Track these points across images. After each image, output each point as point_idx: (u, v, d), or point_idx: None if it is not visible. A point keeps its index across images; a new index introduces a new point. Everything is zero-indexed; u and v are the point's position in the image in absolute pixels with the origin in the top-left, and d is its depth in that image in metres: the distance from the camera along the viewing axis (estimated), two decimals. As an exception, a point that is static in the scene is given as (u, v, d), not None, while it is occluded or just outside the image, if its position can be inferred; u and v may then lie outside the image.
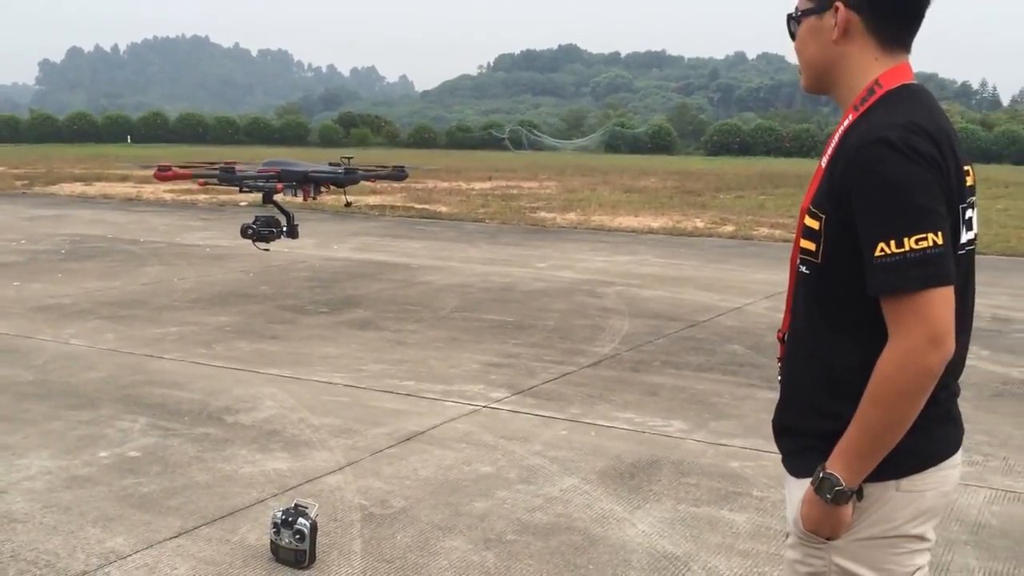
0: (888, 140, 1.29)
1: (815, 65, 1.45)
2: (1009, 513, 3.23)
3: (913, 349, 1.27)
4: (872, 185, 1.29)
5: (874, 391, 1.31)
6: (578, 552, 2.86)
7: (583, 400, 4.53)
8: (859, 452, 1.33)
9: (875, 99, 1.38)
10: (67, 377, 4.80)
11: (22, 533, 2.92)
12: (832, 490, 1.34)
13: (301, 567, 2.71)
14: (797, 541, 1.44)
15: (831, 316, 1.39)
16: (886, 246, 1.27)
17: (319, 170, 3.39)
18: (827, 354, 1.40)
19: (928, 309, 1.27)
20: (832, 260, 1.36)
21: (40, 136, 53.82)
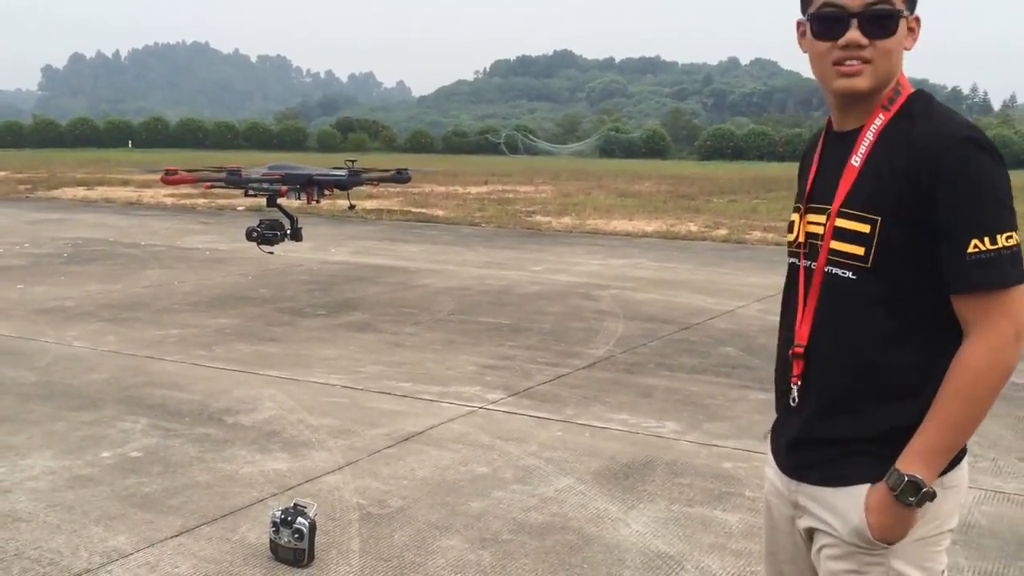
0: (976, 140, 1.30)
1: (891, 70, 1.38)
2: (998, 513, 3.28)
3: (1002, 344, 1.29)
4: (967, 184, 1.28)
5: (960, 387, 1.30)
6: (573, 551, 2.90)
7: (578, 401, 4.58)
8: (940, 449, 1.31)
9: (903, 99, 1.38)
10: (70, 378, 4.84)
11: (26, 532, 2.95)
12: (918, 493, 1.30)
13: (300, 566, 2.73)
14: (852, 550, 1.37)
15: (884, 317, 1.35)
16: (980, 243, 1.27)
17: (323, 173, 3.44)
18: (881, 357, 1.36)
19: (1014, 305, 1.29)
20: (886, 261, 1.33)
21: (43, 141, 53.92)
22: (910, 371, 1.35)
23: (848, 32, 1.35)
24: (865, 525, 1.35)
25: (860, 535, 1.36)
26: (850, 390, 1.39)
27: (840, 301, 1.38)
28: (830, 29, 1.36)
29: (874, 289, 1.35)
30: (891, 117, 1.38)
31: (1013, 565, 2.87)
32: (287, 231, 3.41)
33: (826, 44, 1.37)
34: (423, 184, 21.17)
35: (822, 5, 1.37)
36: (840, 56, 1.37)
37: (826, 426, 1.41)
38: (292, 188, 3.33)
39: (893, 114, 1.38)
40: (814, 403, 1.42)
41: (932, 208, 1.30)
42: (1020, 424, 4.36)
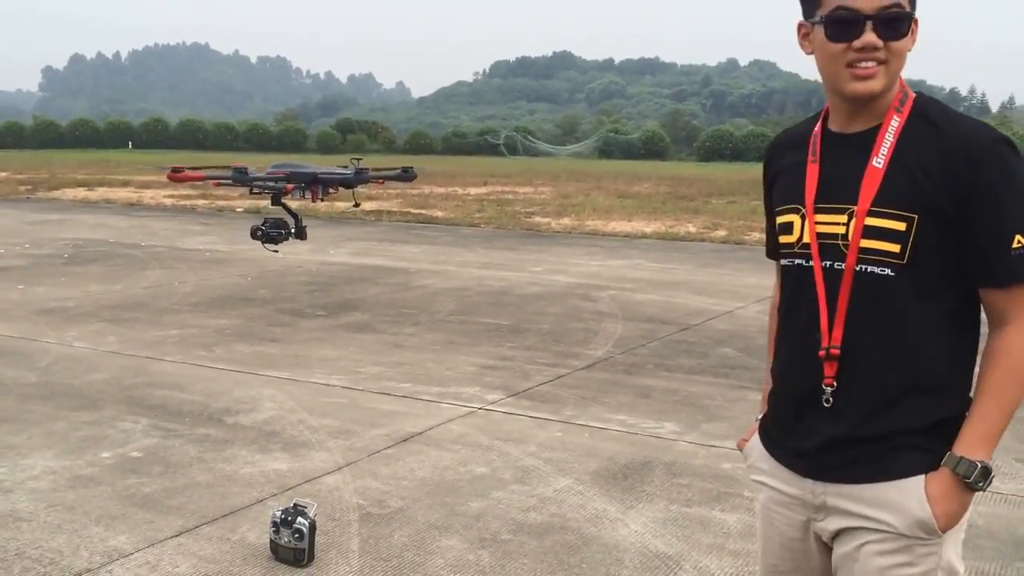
0: (1009, 142, 1.38)
1: (899, 71, 1.42)
2: (995, 514, 3.29)
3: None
4: (1007, 183, 1.35)
5: (1013, 372, 1.37)
6: (572, 551, 2.91)
7: (577, 402, 4.59)
8: (998, 432, 1.38)
9: (911, 101, 1.43)
10: (70, 379, 4.85)
11: (27, 531, 2.96)
12: (988, 476, 1.36)
13: (300, 565, 2.74)
14: (909, 543, 1.39)
15: (923, 312, 1.39)
16: (1022, 239, 1.35)
17: (328, 172, 3.45)
18: (923, 350, 1.40)
19: None
20: (922, 257, 1.37)
21: (43, 142, 53.99)
22: (947, 361, 1.40)
23: (864, 35, 1.36)
24: (930, 516, 1.37)
25: (924, 526, 1.37)
26: (896, 385, 1.41)
27: (877, 299, 1.40)
28: (845, 31, 1.38)
29: (911, 284, 1.38)
30: (906, 118, 1.41)
31: (1010, 566, 2.89)
32: (291, 230, 3.42)
33: (840, 46, 1.38)
34: (422, 185, 21.19)
35: (836, 8, 1.38)
36: (855, 58, 1.38)
37: (873, 423, 1.42)
38: (297, 186, 3.35)
39: (907, 116, 1.41)
40: (857, 402, 1.42)
41: (971, 207, 1.35)
42: (1017, 425, 4.35)
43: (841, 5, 1.37)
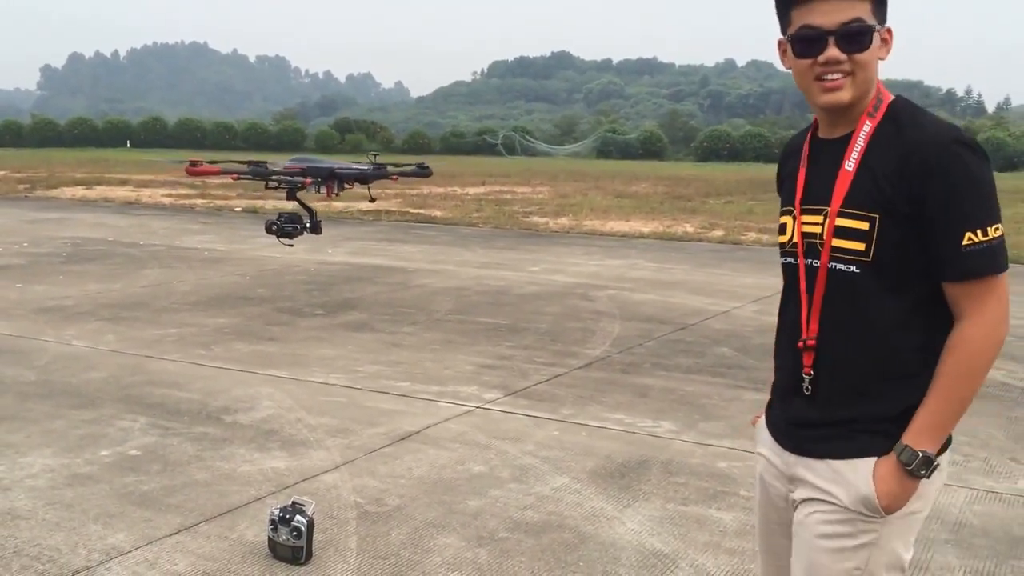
0: (965, 142, 1.43)
1: (870, 81, 1.48)
2: (990, 512, 3.30)
3: (994, 325, 1.44)
4: (959, 181, 1.40)
5: (959, 364, 1.43)
6: (569, 549, 2.92)
7: (574, 401, 4.60)
8: (945, 424, 1.45)
9: (886, 106, 1.49)
10: (69, 377, 4.85)
11: (25, 529, 2.97)
12: (930, 465, 1.44)
13: (298, 563, 2.75)
14: (851, 516, 1.48)
15: (887, 306, 1.47)
16: (973, 235, 1.40)
17: (345, 167, 3.46)
18: (887, 343, 1.48)
19: (1003, 290, 1.45)
20: (886, 255, 1.45)
21: (42, 140, 53.93)
22: (914, 353, 1.47)
23: (827, 50, 1.45)
24: (873, 493, 1.46)
25: (866, 503, 1.47)
26: (864, 375, 1.50)
27: (846, 294, 1.49)
28: (810, 48, 1.47)
29: (876, 281, 1.46)
30: (878, 123, 1.49)
31: (1005, 564, 2.90)
32: (306, 224, 3.44)
33: (807, 62, 1.48)
34: (421, 184, 21.19)
35: (801, 27, 1.47)
36: (821, 72, 1.47)
37: (841, 410, 1.52)
38: (314, 181, 3.36)
39: (879, 120, 1.49)
40: (830, 390, 1.52)
41: (927, 205, 1.41)
42: (1012, 424, 4.40)
43: (805, 24, 1.46)
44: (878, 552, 1.49)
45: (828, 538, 1.50)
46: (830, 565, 1.50)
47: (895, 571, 1.52)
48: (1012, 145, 45.00)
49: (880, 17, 1.48)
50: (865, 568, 1.49)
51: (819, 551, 1.51)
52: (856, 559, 1.49)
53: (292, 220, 3.43)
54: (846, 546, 1.49)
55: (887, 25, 1.49)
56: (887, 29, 1.49)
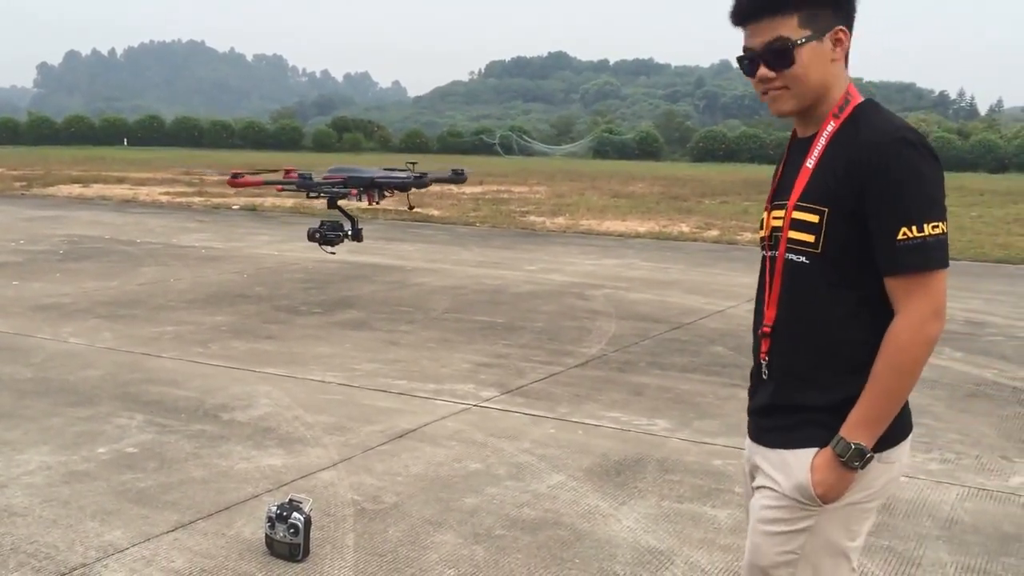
0: (908, 139, 1.46)
1: (817, 84, 1.53)
2: (981, 510, 3.33)
3: (924, 320, 1.45)
4: (898, 177, 1.44)
5: (891, 359, 1.46)
6: (565, 546, 2.93)
7: (571, 399, 4.62)
8: (877, 418, 1.48)
9: (852, 107, 1.54)
10: (66, 375, 4.86)
11: (22, 526, 2.97)
12: (863, 457, 1.48)
13: (295, 561, 2.76)
14: (790, 503, 1.54)
15: (833, 298, 1.51)
16: (908, 231, 1.44)
17: (384, 176, 3.47)
18: (832, 333, 1.52)
19: (936, 287, 1.46)
20: (833, 248, 1.49)
21: (38, 138, 53.77)
22: (860, 346, 1.50)
23: (759, 69, 1.55)
24: (809, 482, 1.51)
25: (802, 491, 1.53)
26: (809, 364, 1.55)
27: (798, 284, 1.55)
28: (748, 68, 1.58)
29: (824, 272, 1.51)
30: (840, 123, 1.54)
31: (996, 561, 2.92)
32: (348, 232, 3.45)
33: (752, 80, 1.59)
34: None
35: (742, 50, 1.58)
36: (760, 88, 1.58)
37: (789, 396, 1.58)
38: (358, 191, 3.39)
39: (842, 121, 1.54)
40: (779, 376, 1.60)
41: (868, 200, 1.46)
42: (1003, 423, 4.43)
43: (744, 46, 1.57)
44: (814, 538, 1.53)
45: (768, 523, 1.57)
46: (767, 549, 1.56)
47: (838, 558, 1.55)
48: (1003, 147, 45.10)
49: (816, 26, 1.51)
50: (801, 553, 1.54)
51: (760, 534, 1.58)
52: (792, 544, 1.54)
53: (334, 228, 3.44)
54: (783, 531, 1.55)
55: (837, 26, 1.52)
56: (839, 29, 1.52)
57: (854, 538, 1.56)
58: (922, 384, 5.06)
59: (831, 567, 1.55)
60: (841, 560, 1.56)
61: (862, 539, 1.59)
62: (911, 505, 3.36)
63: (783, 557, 1.55)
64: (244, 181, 3.20)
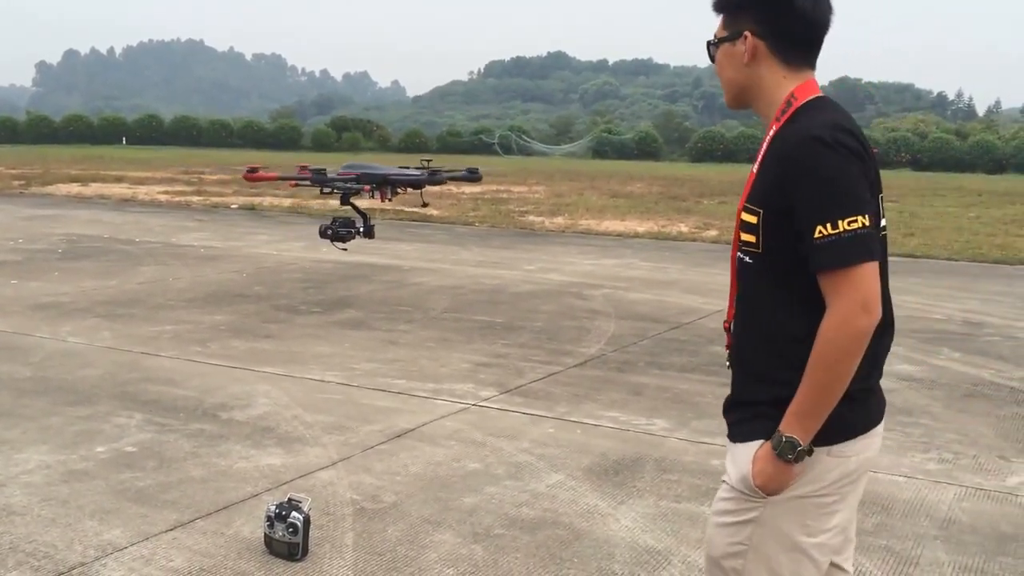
0: (820, 138, 1.47)
1: (732, 85, 1.63)
2: (979, 510, 3.34)
3: (849, 314, 1.46)
4: (809, 177, 1.47)
5: (818, 354, 1.47)
6: (563, 546, 2.94)
7: (570, 399, 4.62)
8: (809, 412, 1.49)
9: (793, 110, 1.56)
10: (64, 374, 4.86)
11: (20, 525, 2.97)
12: (794, 450, 1.50)
13: (294, 560, 2.76)
14: (736, 495, 1.59)
15: (775, 296, 1.56)
16: (823, 228, 1.45)
17: (398, 173, 3.47)
18: (774, 330, 1.56)
19: (860, 280, 1.46)
20: (771, 248, 1.53)
21: (37, 137, 53.68)
22: (801, 343, 1.51)
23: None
24: (750, 474, 1.56)
25: (745, 482, 1.57)
26: (758, 360, 1.60)
27: (745, 283, 1.62)
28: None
29: (766, 271, 1.56)
30: (780, 126, 1.58)
31: (993, 560, 2.93)
32: (360, 228, 3.46)
33: None
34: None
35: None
36: None
37: (742, 390, 1.64)
38: (371, 188, 3.40)
39: (782, 123, 1.57)
40: (736, 370, 1.67)
41: (789, 200, 1.49)
42: (1001, 423, 4.44)
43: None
44: (761, 530, 1.55)
45: (718, 514, 1.62)
46: (718, 540, 1.60)
47: (795, 553, 1.56)
48: (1001, 148, 45.15)
49: (734, 28, 1.59)
50: (749, 545, 1.56)
51: (712, 526, 1.63)
52: (739, 535, 1.57)
53: (346, 224, 3.46)
54: (730, 522, 1.58)
55: (744, 31, 1.58)
56: (745, 34, 1.58)
57: (812, 534, 1.55)
58: (920, 384, 5.08)
59: (788, 563, 1.55)
60: (799, 557, 1.56)
61: (827, 537, 1.57)
62: (909, 505, 3.37)
63: (732, 548, 1.58)
64: (260, 176, 3.21)
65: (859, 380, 1.51)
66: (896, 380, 5.13)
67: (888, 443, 4.04)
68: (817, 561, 1.57)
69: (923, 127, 51.41)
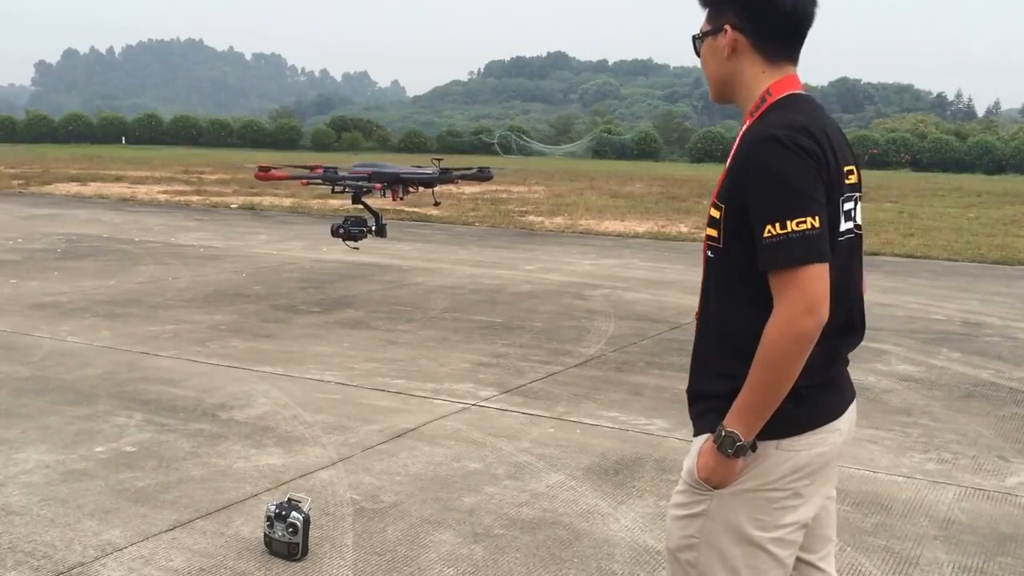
0: (776, 137, 1.48)
1: (715, 79, 1.65)
2: (978, 510, 3.34)
3: (793, 315, 1.45)
4: (762, 176, 1.48)
5: (761, 352, 1.47)
6: (563, 546, 2.94)
7: (569, 399, 4.62)
8: (752, 409, 1.49)
9: (766, 106, 1.57)
10: (64, 373, 4.85)
11: (20, 525, 2.97)
12: (734, 445, 1.50)
13: (294, 560, 2.76)
14: (686, 488, 1.61)
15: (732, 292, 1.57)
16: (772, 228, 1.45)
17: (410, 172, 3.49)
18: (730, 325, 1.57)
19: (806, 282, 1.45)
20: (730, 244, 1.54)
21: (36, 137, 53.63)
22: (753, 339, 1.51)
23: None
24: (695, 465, 1.57)
25: (691, 474, 1.59)
26: (714, 353, 1.61)
27: (708, 277, 1.63)
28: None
29: (725, 267, 1.57)
30: (751, 122, 1.58)
31: (993, 561, 2.93)
32: (371, 227, 3.48)
33: None
34: (417, 183, 21.14)
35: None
36: None
37: (699, 382, 1.65)
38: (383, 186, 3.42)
39: (753, 120, 1.58)
40: (695, 362, 1.67)
41: (746, 198, 1.50)
42: (1000, 423, 4.44)
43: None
44: (711, 523, 1.56)
45: (673, 507, 1.64)
46: (673, 532, 1.63)
47: (750, 547, 1.55)
48: (1001, 149, 45.16)
49: (716, 22, 1.60)
50: (700, 537, 1.57)
51: (669, 518, 1.65)
52: (691, 528, 1.58)
53: (358, 223, 3.48)
54: (682, 515, 1.60)
55: (725, 25, 1.58)
56: (725, 28, 1.58)
57: (766, 528, 1.54)
58: (920, 384, 5.08)
59: (743, 556, 1.54)
60: (754, 550, 1.54)
61: (785, 533, 1.55)
62: (908, 505, 3.37)
63: (684, 541, 1.59)
64: (272, 175, 3.23)
65: (810, 376, 1.50)
66: (896, 380, 5.13)
67: (888, 443, 4.05)
68: (776, 556, 1.55)
69: (922, 127, 51.39)
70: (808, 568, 1.69)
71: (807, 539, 1.64)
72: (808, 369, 1.49)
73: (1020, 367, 5.61)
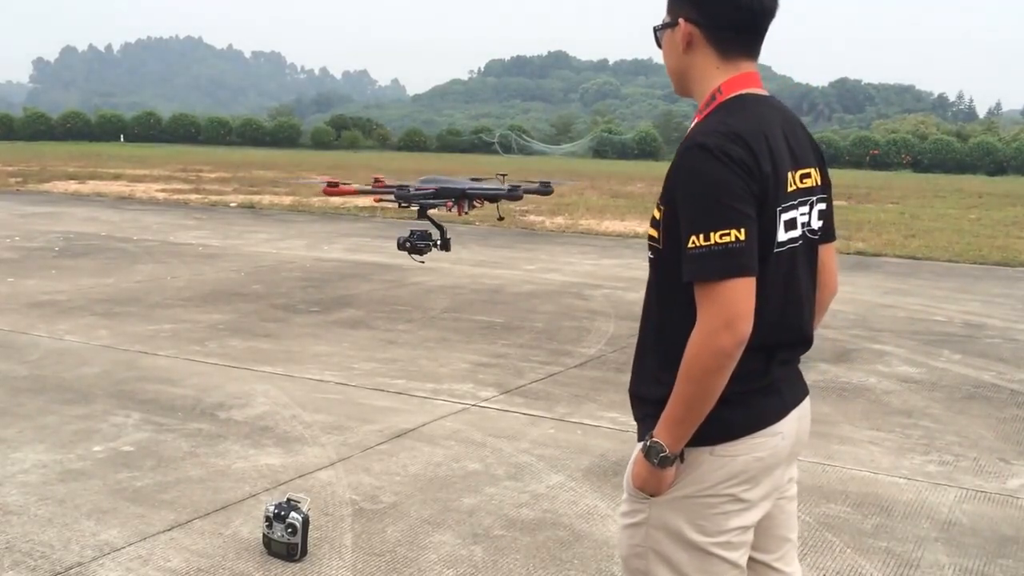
0: (705, 145, 1.43)
1: (673, 72, 1.60)
2: (979, 512, 3.33)
3: (711, 331, 1.40)
4: (688, 185, 1.44)
5: (684, 366, 1.44)
6: (563, 547, 2.93)
7: (570, 400, 4.61)
8: (676, 420, 1.47)
9: (714, 106, 1.51)
10: (61, 372, 4.84)
11: (17, 525, 2.96)
12: (658, 456, 1.49)
13: (293, 560, 2.75)
14: (628, 496, 1.60)
15: (668, 296, 1.53)
16: (696, 239, 1.41)
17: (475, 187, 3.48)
18: (664, 329, 1.54)
19: (725, 296, 1.40)
20: (668, 247, 1.50)
21: (34, 134, 53.60)
22: (679, 345, 1.47)
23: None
24: (629, 474, 1.57)
25: (627, 482, 1.59)
26: (651, 355, 1.58)
27: (649, 279, 1.60)
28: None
29: (663, 270, 1.53)
30: (698, 121, 1.54)
31: (993, 563, 2.92)
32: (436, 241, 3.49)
33: None
34: (416, 182, 21.11)
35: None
36: None
37: (637, 385, 1.62)
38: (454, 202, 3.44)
39: (701, 118, 1.53)
40: (635, 363, 1.64)
41: (676, 203, 1.46)
42: (1001, 425, 4.43)
43: None
44: (654, 531, 1.55)
45: (620, 516, 1.64)
46: (622, 541, 1.62)
47: (693, 550, 1.52)
48: (1002, 150, 45.20)
49: (675, 14, 1.56)
50: (646, 546, 1.56)
51: (617, 528, 1.66)
52: (636, 537, 1.57)
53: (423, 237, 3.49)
54: (628, 523, 1.60)
55: (680, 18, 1.54)
56: (680, 21, 1.54)
57: (709, 533, 1.51)
58: (921, 386, 5.07)
59: (692, 560, 1.52)
60: (703, 555, 1.52)
61: (731, 536, 1.52)
62: (909, 507, 3.36)
63: (632, 550, 1.58)
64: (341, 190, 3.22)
65: (746, 382, 1.47)
66: (897, 382, 5.12)
67: (888, 444, 4.04)
68: (727, 558, 1.53)
69: (923, 128, 51.43)
70: (764, 568, 1.65)
71: (762, 539, 1.62)
72: (743, 375, 1.45)
73: (1021, 369, 5.60)
